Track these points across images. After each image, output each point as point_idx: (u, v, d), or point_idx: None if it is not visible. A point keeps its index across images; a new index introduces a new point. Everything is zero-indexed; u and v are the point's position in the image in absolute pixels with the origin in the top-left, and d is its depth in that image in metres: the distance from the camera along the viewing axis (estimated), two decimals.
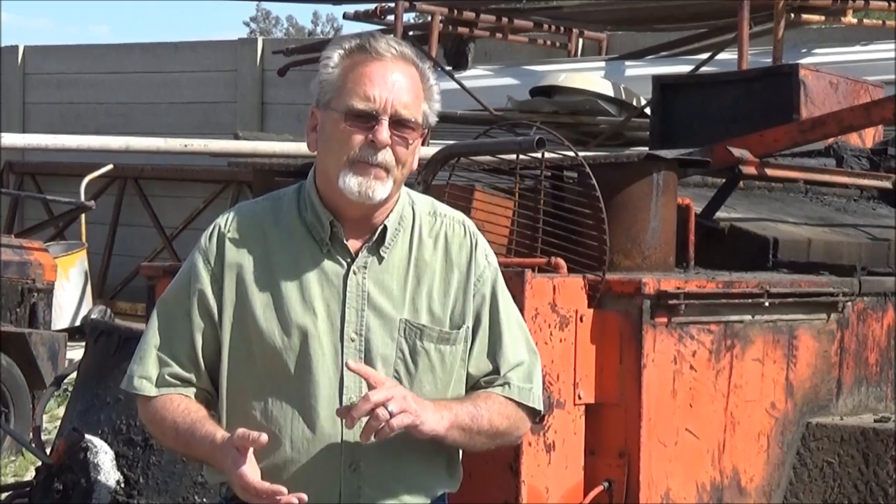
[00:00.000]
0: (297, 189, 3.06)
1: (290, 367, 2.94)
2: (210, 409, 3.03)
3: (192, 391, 3.02)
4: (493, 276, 3.08)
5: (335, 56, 3.00)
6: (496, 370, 3.05)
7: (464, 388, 3.04)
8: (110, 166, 14.03)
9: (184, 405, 2.98)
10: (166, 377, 3.00)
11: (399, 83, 2.95)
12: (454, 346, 3.01)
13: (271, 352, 2.95)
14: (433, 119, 3.05)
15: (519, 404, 3.06)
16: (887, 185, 5.99)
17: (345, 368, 2.94)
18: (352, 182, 2.92)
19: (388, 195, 2.96)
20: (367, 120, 2.93)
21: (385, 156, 2.93)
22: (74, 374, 4.83)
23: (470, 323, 3.03)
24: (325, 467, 2.93)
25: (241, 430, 2.82)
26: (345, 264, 2.98)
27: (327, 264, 2.98)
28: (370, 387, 2.85)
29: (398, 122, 2.94)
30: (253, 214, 3.06)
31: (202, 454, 2.94)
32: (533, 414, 3.11)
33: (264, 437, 2.80)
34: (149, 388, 3.00)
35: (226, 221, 3.04)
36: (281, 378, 2.95)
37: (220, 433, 2.90)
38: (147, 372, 3.01)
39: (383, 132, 2.92)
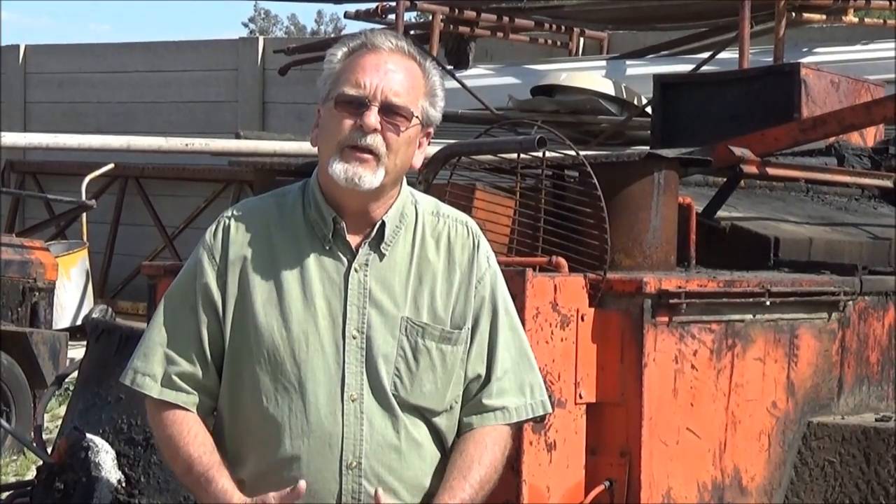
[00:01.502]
0: (302, 186, 3.07)
1: (291, 364, 2.94)
2: (211, 415, 3.04)
3: (195, 399, 3.00)
4: (493, 278, 3.08)
5: (339, 53, 3.02)
6: (487, 376, 3.05)
7: (461, 389, 3.04)
8: (111, 165, 14.03)
9: (200, 437, 2.97)
10: (172, 377, 2.99)
11: (392, 72, 2.96)
12: (455, 347, 3.01)
13: (272, 348, 2.95)
14: (434, 116, 3.04)
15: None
16: (888, 184, 5.99)
17: (346, 366, 2.94)
18: (339, 168, 2.93)
19: (381, 185, 2.95)
20: (358, 106, 2.94)
21: (374, 140, 2.93)
22: (75, 374, 4.84)
23: (470, 324, 3.04)
24: (326, 465, 2.93)
25: (275, 496, 2.87)
26: (346, 261, 2.98)
27: (329, 261, 2.98)
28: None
29: (389, 110, 2.95)
30: (258, 210, 3.06)
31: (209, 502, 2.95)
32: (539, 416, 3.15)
33: (302, 484, 2.86)
34: (152, 387, 2.99)
35: (231, 217, 3.05)
36: (282, 375, 2.94)
37: (238, 497, 2.92)
38: (151, 369, 3.00)
39: (371, 117, 2.93)
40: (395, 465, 2.96)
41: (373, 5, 11.57)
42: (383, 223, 3.00)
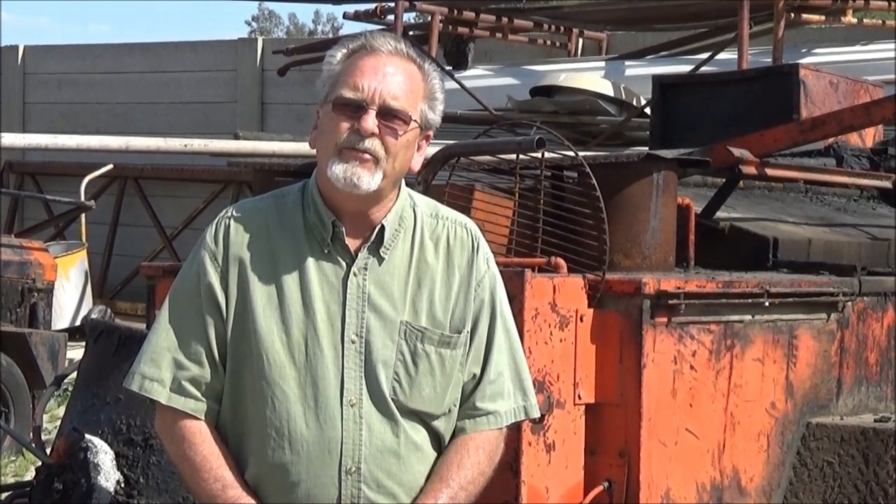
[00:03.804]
0: (301, 188, 3.06)
1: (289, 368, 2.94)
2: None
3: (203, 406, 2.98)
4: (492, 281, 3.08)
5: (338, 55, 3.02)
6: (484, 377, 3.05)
7: (460, 392, 3.04)
8: (110, 166, 14.04)
9: (216, 451, 2.96)
10: (182, 383, 2.97)
11: (391, 75, 2.96)
12: (454, 350, 3.01)
13: (271, 352, 2.94)
14: (434, 119, 3.04)
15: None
16: (887, 184, 5.99)
17: (345, 370, 2.94)
18: (337, 169, 2.93)
19: (379, 189, 2.95)
20: (356, 109, 2.94)
21: (372, 143, 2.92)
22: (74, 374, 4.83)
23: (469, 327, 3.03)
24: (325, 469, 2.92)
25: None
26: (345, 265, 2.98)
27: (328, 265, 2.98)
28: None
29: (387, 113, 2.94)
30: (257, 211, 3.05)
31: None
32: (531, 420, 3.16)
33: None
34: (159, 393, 2.98)
35: (230, 217, 3.03)
36: (281, 379, 2.94)
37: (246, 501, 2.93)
38: (160, 375, 2.98)
39: (369, 120, 2.92)
40: (394, 469, 2.96)
41: (372, 6, 11.57)
42: (383, 227, 2.99)
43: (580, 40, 12.62)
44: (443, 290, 3.01)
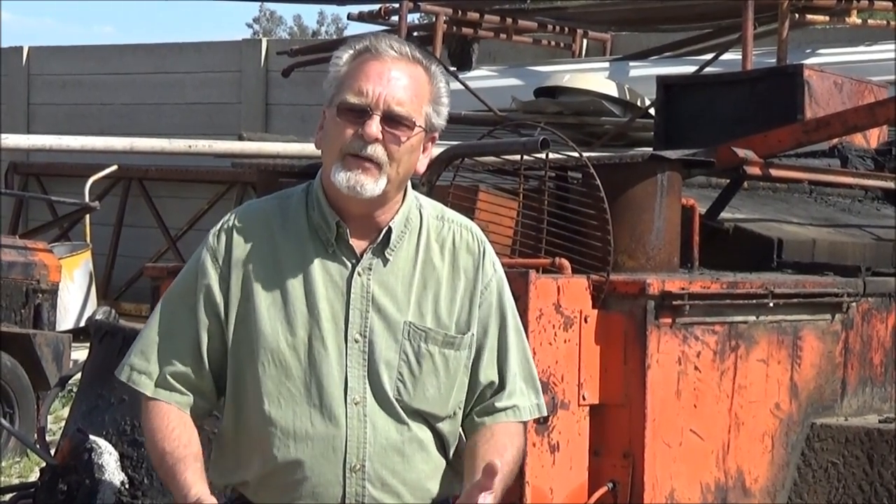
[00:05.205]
0: (306, 188, 3.07)
1: (294, 367, 2.94)
2: (207, 417, 3.05)
3: (188, 400, 3.00)
4: (499, 285, 3.08)
5: (345, 56, 3.01)
6: (501, 382, 3.06)
7: (465, 395, 3.04)
8: (115, 167, 14.03)
9: (177, 431, 2.97)
10: (167, 377, 2.99)
11: (395, 80, 2.95)
12: (458, 352, 3.01)
13: (276, 351, 2.95)
14: (438, 122, 3.03)
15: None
16: (892, 185, 5.99)
17: (349, 369, 2.94)
18: (341, 176, 2.93)
19: (383, 193, 2.95)
20: (360, 115, 2.93)
21: (375, 149, 2.92)
22: (79, 375, 4.84)
23: (475, 331, 3.03)
24: (329, 468, 2.93)
25: None
26: (350, 265, 2.98)
27: (332, 265, 2.98)
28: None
29: (391, 119, 2.93)
30: (261, 212, 3.06)
31: (175, 497, 2.94)
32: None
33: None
34: (146, 385, 3.00)
35: (234, 219, 3.04)
36: (284, 378, 2.94)
37: (196, 489, 2.89)
38: (147, 368, 3.01)
39: (373, 126, 2.92)
40: (398, 467, 2.96)
41: (376, 7, 11.57)
42: (390, 228, 2.99)
43: (584, 41, 12.63)
44: (448, 293, 3.02)
